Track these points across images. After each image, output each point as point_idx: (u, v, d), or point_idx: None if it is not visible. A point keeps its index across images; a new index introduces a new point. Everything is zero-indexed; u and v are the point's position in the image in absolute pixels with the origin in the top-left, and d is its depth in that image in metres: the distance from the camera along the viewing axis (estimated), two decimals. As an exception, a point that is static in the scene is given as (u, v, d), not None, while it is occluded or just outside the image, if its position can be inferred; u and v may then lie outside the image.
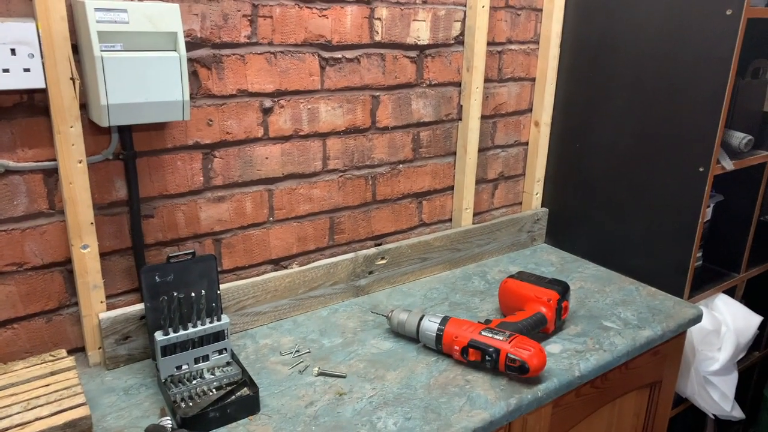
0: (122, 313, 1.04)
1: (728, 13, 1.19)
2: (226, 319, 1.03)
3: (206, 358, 1.02)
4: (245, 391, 0.97)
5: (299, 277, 1.23)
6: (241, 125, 1.12)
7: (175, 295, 0.98)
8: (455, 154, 1.47)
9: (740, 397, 1.64)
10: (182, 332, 0.99)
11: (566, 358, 1.12)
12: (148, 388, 1.00)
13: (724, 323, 1.48)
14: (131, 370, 1.05)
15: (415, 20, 1.28)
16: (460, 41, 1.37)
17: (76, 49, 0.91)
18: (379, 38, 1.24)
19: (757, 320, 1.53)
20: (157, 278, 1.00)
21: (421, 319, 1.14)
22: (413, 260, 1.41)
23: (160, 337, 0.97)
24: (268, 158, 1.17)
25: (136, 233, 1.05)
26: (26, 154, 0.93)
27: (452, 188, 1.50)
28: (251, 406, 0.94)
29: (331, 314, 1.26)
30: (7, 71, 0.84)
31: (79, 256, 0.99)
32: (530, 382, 1.04)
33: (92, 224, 0.98)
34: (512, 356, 1.02)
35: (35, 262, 0.99)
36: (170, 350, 0.99)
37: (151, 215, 1.08)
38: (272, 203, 1.21)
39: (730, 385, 1.51)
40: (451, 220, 1.53)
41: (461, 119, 1.44)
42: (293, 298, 1.24)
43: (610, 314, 1.29)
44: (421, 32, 1.30)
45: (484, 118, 1.48)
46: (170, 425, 0.88)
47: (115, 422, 0.92)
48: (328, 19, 1.16)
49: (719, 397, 1.49)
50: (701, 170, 1.29)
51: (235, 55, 1.08)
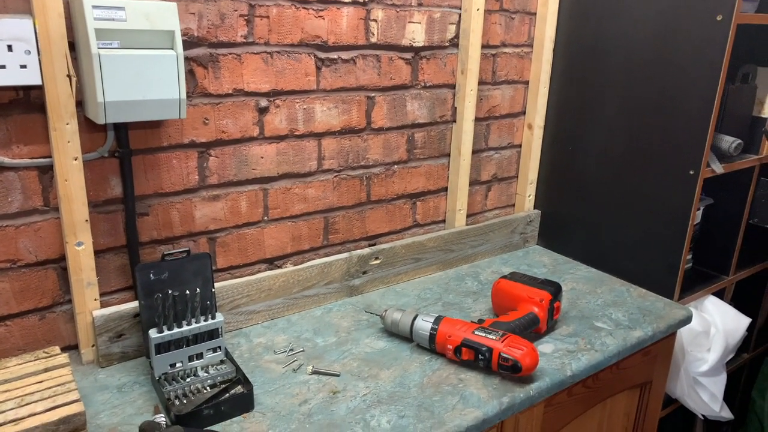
0: (116, 310, 1.04)
1: (718, 18, 1.21)
2: (220, 317, 1.03)
3: (200, 356, 1.03)
4: (239, 389, 0.97)
5: (293, 276, 1.24)
6: (236, 124, 1.13)
7: (169, 292, 0.98)
8: (449, 155, 1.48)
9: (729, 398, 1.66)
10: (176, 330, 0.99)
11: (558, 357, 1.13)
12: (141, 385, 1.00)
13: (713, 324, 1.50)
14: (125, 368, 1.05)
15: (410, 22, 1.29)
16: (454, 44, 1.38)
17: (72, 46, 0.91)
18: (374, 39, 1.25)
19: (745, 322, 1.55)
20: (151, 276, 1.00)
21: (414, 318, 1.14)
22: (407, 260, 1.42)
23: (154, 334, 0.97)
24: (263, 158, 1.18)
25: (130, 231, 1.06)
26: (21, 150, 0.93)
27: (446, 189, 1.51)
28: (245, 403, 0.94)
29: (325, 314, 1.27)
30: (3, 67, 0.84)
31: (73, 253, 0.99)
32: (523, 381, 1.05)
33: (87, 222, 0.98)
34: (505, 355, 1.03)
35: (29, 259, 0.98)
36: (164, 348, 0.99)
37: (146, 213, 1.08)
38: (267, 202, 1.21)
39: (719, 385, 1.53)
40: (444, 221, 1.54)
41: (455, 121, 1.45)
42: (287, 297, 1.24)
43: (601, 315, 1.31)
44: (416, 34, 1.31)
45: (478, 120, 1.49)
46: (164, 422, 0.88)
47: (108, 419, 0.91)
48: (324, 20, 1.17)
49: (708, 397, 1.51)
50: (691, 173, 1.31)
51: (231, 54, 1.08)
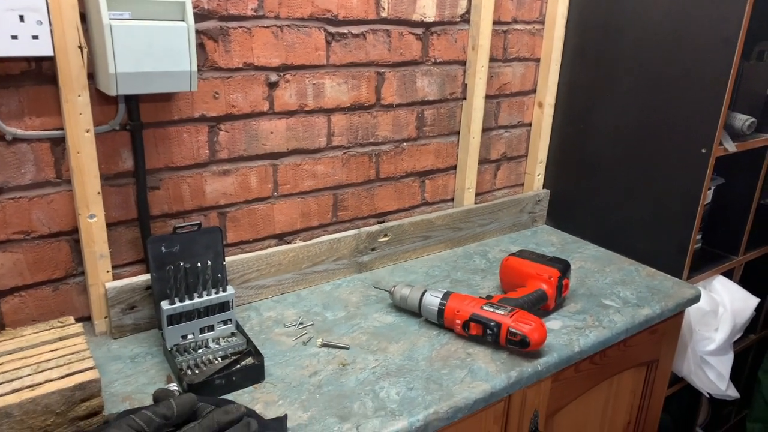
0: (128, 283, 1.05)
1: (735, -7, 1.19)
2: (231, 290, 1.04)
3: (211, 328, 1.04)
4: (250, 360, 0.99)
5: (303, 252, 1.24)
6: (246, 99, 1.13)
7: (181, 265, 0.99)
8: (459, 133, 1.47)
9: (735, 378, 1.66)
10: (188, 302, 1.00)
11: (566, 334, 1.14)
12: (153, 356, 1.02)
13: (721, 304, 1.50)
14: (137, 339, 1.07)
15: (421, -3, 1.28)
16: (465, 19, 1.37)
17: (84, 17, 0.91)
18: (385, 14, 1.24)
19: (754, 302, 1.55)
20: (163, 248, 1.00)
21: (423, 293, 1.15)
22: (415, 238, 1.42)
23: (166, 306, 0.98)
24: (273, 133, 1.18)
25: (142, 204, 1.06)
26: (33, 122, 0.94)
27: (455, 168, 1.50)
28: (256, 374, 0.96)
29: (334, 289, 1.28)
30: (15, 38, 0.84)
31: (86, 225, 1.00)
32: (530, 356, 1.06)
33: (99, 194, 0.99)
34: (513, 330, 1.03)
35: (42, 230, 0.99)
36: (176, 319, 1.00)
37: (157, 187, 1.08)
38: (277, 178, 1.22)
39: (725, 364, 1.53)
40: (453, 199, 1.53)
41: (465, 98, 1.44)
42: (297, 272, 1.25)
43: (609, 293, 1.31)
44: (427, 9, 1.30)
45: (488, 97, 1.48)
46: (177, 391, 0.89)
47: (122, 388, 0.93)
48: (334, -7, 1.16)
49: (715, 376, 1.52)
50: (703, 152, 1.30)
51: (241, 27, 1.08)
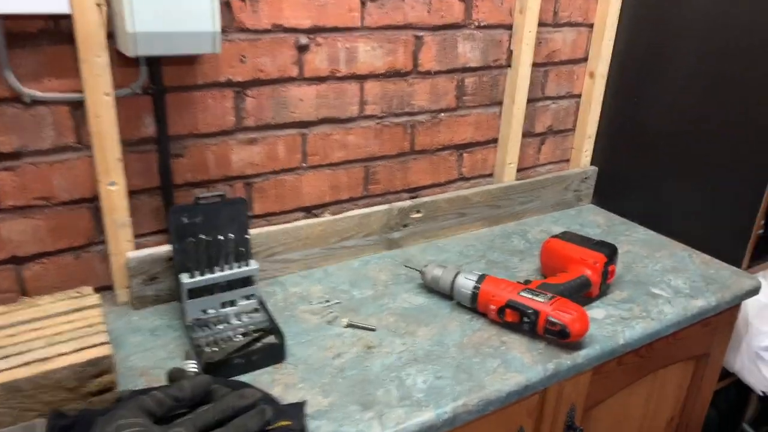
0: (150, 253, 1.01)
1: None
2: (254, 264, 1.00)
3: (233, 303, 1.00)
4: (272, 338, 0.94)
5: (331, 226, 1.19)
6: (275, 63, 1.06)
7: (202, 237, 0.94)
8: (501, 104, 1.37)
9: (792, 375, 1.54)
10: (209, 276, 0.96)
11: (610, 324, 1.05)
12: (174, 330, 0.99)
13: (783, 297, 1.37)
14: (158, 311, 1.04)
15: (465, -47, 1.17)
16: (513, -21, 1.26)
17: (102, -29, 0.86)
18: (425, -28, 1.15)
19: (820, 296, 1.42)
20: (185, 219, 0.96)
21: (456, 275, 1.08)
22: (450, 215, 1.35)
23: (185, 279, 0.94)
24: (302, 100, 1.11)
25: (164, 172, 1.02)
26: (52, 84, 0.90)
27: (496, 141, 1.41)
28: (277, 354, 0.91)
29: (362, 266, 1.22)
30: (30, -7, 0.80)
31: (106, 193, 0.96)
32: (570, 347, 0.98)
33: (120, 161, 0.95)
34: (553, 320, 0.96)
35: (63, 197, 0.96)
36: (196, 293, 0.96)
37: (180, 154, 1.04)
38: (305, 148, 1.15)
39: (783, 362, 1.42)
40: (492, 174, 1.45)
41: (510, 66, 1.34)
42: (325, 247, 1.20)
43: (659, 281, 1.21)
44: (471, -33, 1.19)
45: (535, 66, 1.37)
46: (195, 368, 0.86)
47: (140, 362, 0.90)
48: (370, -52, 1.07)
49: (770, 374, 1.40)
50: (775, 129, 1.17)
51: (270, -15, 1.01)
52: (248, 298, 1.01)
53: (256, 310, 1.01)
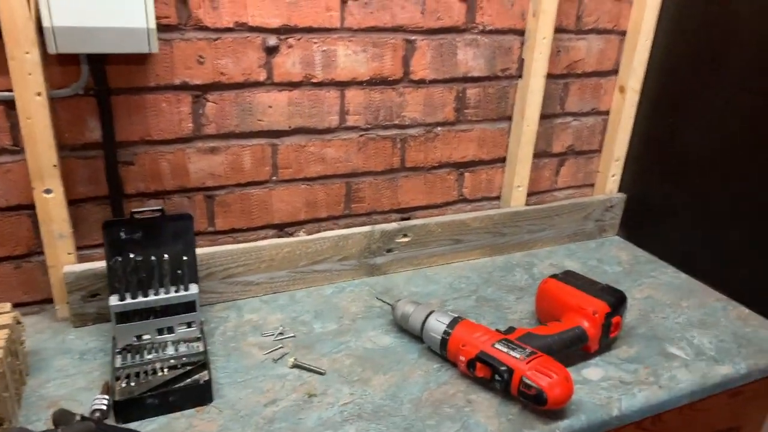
0: (89, 268, 0.93)
1: None
2: (194, 289, 0.90)
3: (171, 330, 0.90)
4: (200, 376, 0.84)
5: (301, 247, 1.07)
6: (238, 65, 0.96)
7: (131, 256, 0.85)
8: (511, 119, 1.22)
9: None
10: (140, 299, 0.86)
11: (606, 389, 0.88)
12: (106, 354, 0.90)
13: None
14: (98, 330, 0.95)
15: (467, -53, 1.03)
16: (527, -22, 1.10)
17: (31, -41, 0.78)
18: (418, -32, 1.01)
19: None
20: (122, 234, 0.87)
21: (428, 315, 0.94)
22: (444, 241, 1.20)
23: (114, 301, 0.85)
24: (271, 107, 1.00)
25: (112, 181, 0.94)
26: (-18, 81, 0.83)
27: (504, 160, 1.25)
28: (201, 396, 0.81)
29: (335, 293, 1.10)
30: (-55, -19, 0.73)
31: (41, 201, 0.89)
32: (549, 415, 0.82)
33: (55, 167, 0.87)
34: (528, 381, 0.80)
35: (0, 203, 0.90)
36: (128, 317, 0.87)
37: (130, 162, 0.95)
38: (276, 160, 1.05)
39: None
40: (499, 198, 1.29)
41: (521, 76, 1.18)
42: (293, 270, 1.08)
43: (679, 338, 1.02)
44: (474, -37, 1.05)
45: (552, 77, 1.21)
46: (103, 406, 0.76)
47: (54, 391, 0.82)
48: (351, -61, 0.95)
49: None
50: (837, 165, 0.96)
51: (232, -21, 0.90)
52: (189, 325, 0.91)
53: (197, 338, 0.91)
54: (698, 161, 1.20)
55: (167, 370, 0.84)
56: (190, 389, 0.80)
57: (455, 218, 1.20)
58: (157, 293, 0.88)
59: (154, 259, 0.87)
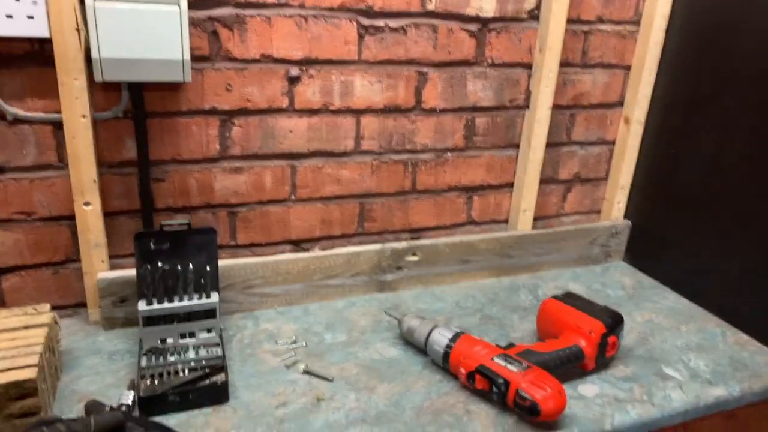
0: (120, 275, 1.01)
1: None
2: (215, 297, 0.97)
3: (193, 335, 0.97)
4: (221, 377, 0.90)
5: (315, 262, 1.14)
6: (263, 93, 1.04)
7: (159, 265, 0.93)
8: (518, 146, 1.28)
9: None
10: (166, 305, 0.94)
11: (599, 405, 0.92)
12: (132, 356, 0.97)
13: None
14: (126, 333, 1.03)
15: (477, -12, 1.11)
16: (534, 16, 1.17)
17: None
18: (431, 7, 1.09)
19: None
20: (151, 245, 0.95)
21: (432, 329, 1.00)
22: (452, 261, 1.26)
23: (142, 306, 0.93)
24: (292, 131, 1.09)
25: (144, 196, 1.02)
26: (36, 104, 0.92)
27: (512, 185, 1.31)
28: (218, 395, 0.87)
29: (346, 307, 1.16)
30: (10, 17, 0.83)
31: (81, 213, 0.97)
32: (543, 427, 0.86)
33: (95, 182, 0.96)
34: (523, 393, 0.85)
35: (43, 213, 0.99)
36: (154, 321, 0.94)
37: (161, 179, 1.04)
38: (295, 180, 1.12)
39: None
40: (507, 221, 1.35)
41: (528, 107, 1.24)
42: (307, 283, 1.15)
43: (675, 360, 1.06)
44: (485, 3, 1.12)
45: (559, 108, 1.27)
46: (129, 401, 0.83)
47: (85, 386, 0.89)
48: (369, -20, 1.04)
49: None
50: (829, 197, 1.00)
51: (260, 16, 0.99)
52: (209, 331, 0.98)
53: (216, 344, 0.98)
54: (699, 191, 1.24)
55: (188, 371, 0.91)
56: (208, 389, 0.87)
57: (463, 239, 1.26)
58: (181, 300, 0.95)
59: (179, 268, 0.94)
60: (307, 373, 0.95)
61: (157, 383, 0.88)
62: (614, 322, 1.00)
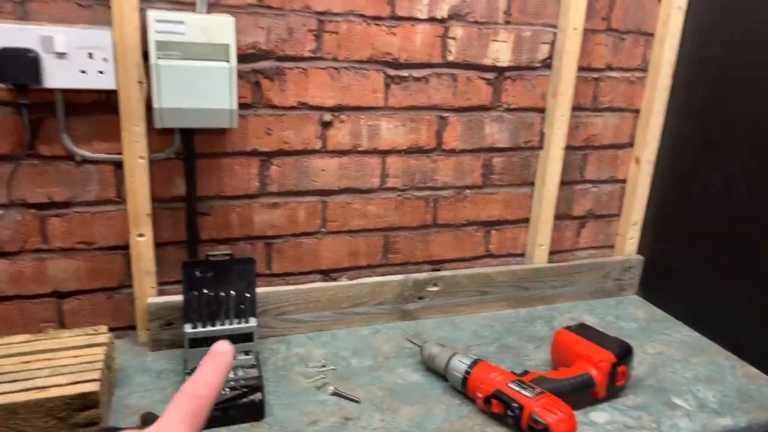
0: (167, 300, 1.11)
1: None
2: (253, 322, 1.06)
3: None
4: (258, 396, 0.99)
5: (343, 291, 1.23)
6: (299, 136, 1.15)
7: (204, 291, 1.03)
8: (533, 184, 1.36)
9: None
10: (210, 328, 1.03)
11: (610, 431, 0.98)
12: (177, 375, 1.06)
13: None
14: (171, 354, 1.13)
15: (494, 41, 1.21)
16: (547, 65, 1.27)
17: (146, 56, 1.00)
18: (452, 57, 1.20)
19: None
20: (197, 273, 1.05)
21: (451, 356, 1.07)
22: (471, 292, 1.33)
23: (188, 329, 1.02)
24: (324, 170, 1.19)
25: (191, 228, 1.13)
26: (100, 146, 1.04)
27: (527, 221, 1.39)
28: (255, 413, 0.96)
29: (371, 334, 1.24)
30: (84, 72, 0.95)
31: (135, 243, 1.08)
32: (555, 449, 0.93)
33: (149, 216, 1.07)
34: (536, 417, 0.92)
35: (101, 243, 1.10)
36: (198, 343, 1.04)
37: (206, 213, 1.14)
38: (325, 215, 1.22)
39: None
40: (524, 255, 1.42)
41: (542, 148, 1.33)
42: (336, 311, 1.24)
43: (685, 390, 1.11)
44: (500, 53, 1.23)
45: (572, 148, 1.36)
46: (176, 415, 0.92)
47: (136, 401, 0.98)
48: (396, 36, 1.15)
49: None
50: (828, 236, 1.06)
51: (297, 68, 1.11)
52: (247, 353, 1.07)
53: (253, 365, 1.07)
54: (707, 228, 1.31)
55: (228, 390, 1.00)
56: (246, 406, 0.95)
57: (482, 271, 1.33)
58: (222, 324, 1.04)
59: (222, 294, 1.04)
60: (335, 394, 1.03)
61: (200, 400, 0.96)
62: (624, 352, 1.06)
